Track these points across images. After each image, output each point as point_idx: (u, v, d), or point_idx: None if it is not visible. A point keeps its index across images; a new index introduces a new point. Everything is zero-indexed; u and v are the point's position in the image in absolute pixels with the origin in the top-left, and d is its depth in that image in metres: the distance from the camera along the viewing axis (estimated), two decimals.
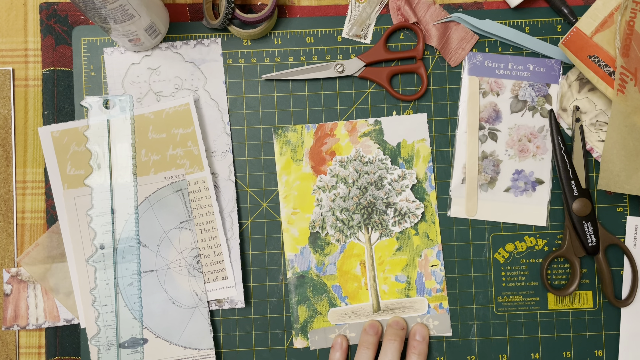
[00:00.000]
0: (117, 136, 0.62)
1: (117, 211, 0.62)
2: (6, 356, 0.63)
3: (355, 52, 0.65)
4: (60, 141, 0.62)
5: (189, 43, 0.65)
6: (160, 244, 0.62)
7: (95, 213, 0.61)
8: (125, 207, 0.62)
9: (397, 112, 0.65)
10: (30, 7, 0.66)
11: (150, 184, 0.62)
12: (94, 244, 0.61)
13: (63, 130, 0.63)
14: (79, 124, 0.63)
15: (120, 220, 0.62)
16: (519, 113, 0.65)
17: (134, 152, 0.62)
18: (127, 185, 0.62)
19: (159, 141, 0.62)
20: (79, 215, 0.62)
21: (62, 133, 0.63)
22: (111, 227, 0.61)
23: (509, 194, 0.65)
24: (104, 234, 0.61)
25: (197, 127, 0.62)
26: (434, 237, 0.64)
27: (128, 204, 0.62)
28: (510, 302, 0.64)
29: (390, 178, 0.64)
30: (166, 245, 0.62)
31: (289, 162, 0.64)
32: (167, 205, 0.62)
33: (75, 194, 0.62)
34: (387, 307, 0.64)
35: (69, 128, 0.62)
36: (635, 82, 0.60)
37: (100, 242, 0.61)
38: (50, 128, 0.62)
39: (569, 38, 0.61)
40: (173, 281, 0.62)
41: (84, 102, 0.62)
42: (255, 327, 0.64)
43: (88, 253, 0.62)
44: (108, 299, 0.61)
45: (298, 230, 0.64)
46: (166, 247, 0.62)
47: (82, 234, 0.62)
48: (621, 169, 0.60)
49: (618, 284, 0.65)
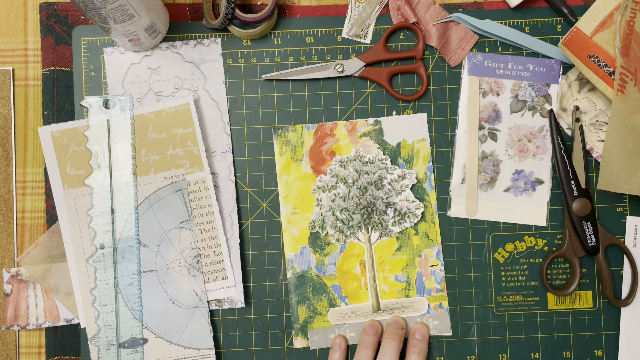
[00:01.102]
0: (117, 136, 0.62)
1: (117, 211, 0.62)
2: (6, 356, 0.63)
3: (355, 52, 0.65)
4: (60, 141, 0.62)
5: (189, 43, 0.65)
6: (160, 244, 0.62)
7: (95, 213, 0.61)
8: (125, 207, 0.62)
9: (397, 112, 0.65)
10: (30, 7, 0.66)
11: (150, 184, 0.62)
12: (94, 243, 0.61)
13: (63, 130, 0.63)
14: (78, 124, 0.63)
15: (120, 220, 0.62)
16: (518, 113, 0.65)
17: (133, 151, 0.62)
18: (127, 185, 0.62)
19: (159, 141, 0.62)
20: (79, 215, 0.62)
21: (62, 133, 0.63)
22: (111, 227, 0.61)
23: (508, 194, 0.65)
24: (104, 233, 0.61)
25: (197, 127, 0.62)
26: (434, 237, 0.64)
27: (128, 203, 0.62)
28: (510, 302, 0.64)
29: (390, 178, 0.64)
30: (166, 245, 0.62)
31: (288, 162, 0.64)
32: (167, 205, 0.62)
33: (75, 194, 0.62)
34: (387, 307, 0.64)
35: (68, 128, 0.62)
36: (635, 82, 0.60)
37: (100, 242, 0.61)
38: (50, 128, 0.62)
39: (569, 38, 0.61)
40: (173, 281, 0.62)
41: (84, 102, 0.62)
42: (255, 327, 0.64)
43: (88, 253, 0.62)
44: (108, 299, 0.61)
45: (298, 230, 0.64)
46: (166, 247, 0.62)
47: (82, 234, 0.62)
48: (621, 169, 0.60)
49: (618, 284, 0.65)
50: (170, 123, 0.62)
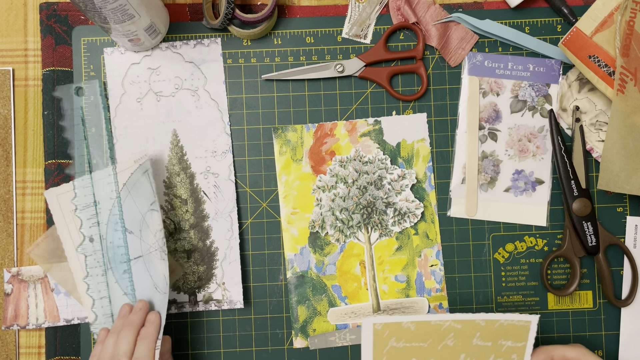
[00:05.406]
0: (92, 121, 0.63)
1: (100, 202, 0.61)
2: (6, 356, 0.63)
3: (355, 52, 0.65)
4: None
5: (189, 43, 0.65)
6: (142, 229, 0.61)
7: (79, 202, 0.61)
8: (106, 195, 0.61)
9: (397, 112, 0.65)
10: (30, 7, 0.66)
11: (125, 170, 0.61)
12: (81, 232, 0.61)
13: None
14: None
15: (104, 210, 0.61)
16: (519, 113, 0.65)
17: (109, 135, 0.61)
18: (106, 173, 0.62)
19: (482, 349, 0.55)
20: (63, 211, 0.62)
21: None
22: (96, 219, 0.61)
23: (509, 194, 0.65)
24: (90, 227, 0.61)
25: (529, 344, 0.55)
26: (434, 237, 0.64)
27: (109, 190, 0.61)
28: (510, 302, 0.64)
29: (390, 178, 0.64)
30: (145, 230, 0.61)
31: (288, 162, 0.64)
32: (139, 188, 0.61)
33: (57, 192, 0.62)
34: (387, 307, 0.64)
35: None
36: (635, 82, 0.60)
37: (89, 235, 0.61)
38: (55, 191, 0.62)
39: (569, 38, 0.61)
40: (153, 266, 0.60)
41: (55, 92, 0.62)
42: (255, 327, 0.64)
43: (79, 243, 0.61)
44: (101, 285, 0.61)
45: (298, 230, 0.64)
46: (145, 231, 0.61)
47: (69, 227, 0.61)
48: (621, 169, 0.60)
49: (618, 284, 0.65)
50: (501, 334, 0.55)
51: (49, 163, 0.64)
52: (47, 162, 0.64)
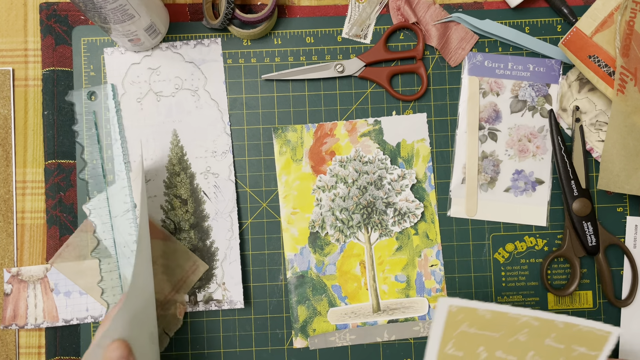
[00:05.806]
0: (105, 125, 0.63)
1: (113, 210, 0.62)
2: (6, 356, 0.63)
3: (355, 52, 0.65)
4: None
5: (189, 43, 0.65)
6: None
7: (92, 206, 0.62)
8: (121, 203, 0.62)
9: (397, 112, 0.65)
10: (30, 7, 0.66)
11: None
12: (95, 236, 0.61)
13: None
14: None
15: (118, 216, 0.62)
16: (519, 113, 0.65)
17: (122, 138, 0.61)
18: (121, 179, 0.62)
19: (553, 350, 0.52)
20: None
21: None
22: (111, 229, 0.61)
23: (509, 194, 0.65)
24: (104, 232, 0.61)
25: (603, 355, 0.51)
26: (434, 237, 0.64)
27: (123, 195, 0.61)
28: (510, 302, 0.64)
29: (390, 178, 0.64)
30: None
31: (288, 162, 0.64)
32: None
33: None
34: (387, 307, 0.64)
35: None
36: (635, 82, 0.60)
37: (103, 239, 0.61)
38: None
39: (569, 38, 0.61)
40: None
41: (68, 96, 0.62)
42: (255, 327, 0.64)
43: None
44: (116, 290, 0.61)
45: (298, 230, 0.64)
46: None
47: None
48: (621, 169, 0.60)
49: (618, 284, 0.65)
50: (576, 339, 0.52)
51: (49, 163, 0.64)
52: (47, 162, 0.64)
